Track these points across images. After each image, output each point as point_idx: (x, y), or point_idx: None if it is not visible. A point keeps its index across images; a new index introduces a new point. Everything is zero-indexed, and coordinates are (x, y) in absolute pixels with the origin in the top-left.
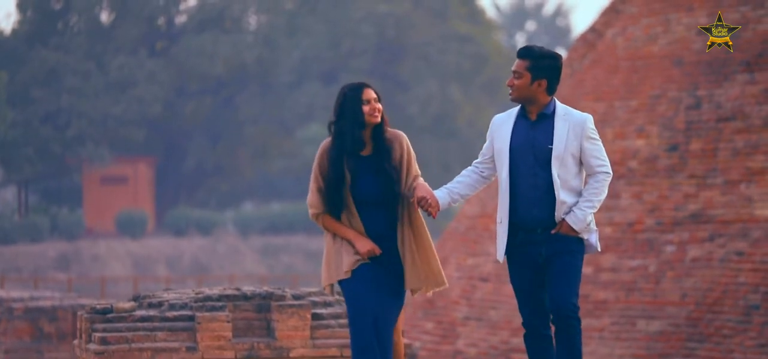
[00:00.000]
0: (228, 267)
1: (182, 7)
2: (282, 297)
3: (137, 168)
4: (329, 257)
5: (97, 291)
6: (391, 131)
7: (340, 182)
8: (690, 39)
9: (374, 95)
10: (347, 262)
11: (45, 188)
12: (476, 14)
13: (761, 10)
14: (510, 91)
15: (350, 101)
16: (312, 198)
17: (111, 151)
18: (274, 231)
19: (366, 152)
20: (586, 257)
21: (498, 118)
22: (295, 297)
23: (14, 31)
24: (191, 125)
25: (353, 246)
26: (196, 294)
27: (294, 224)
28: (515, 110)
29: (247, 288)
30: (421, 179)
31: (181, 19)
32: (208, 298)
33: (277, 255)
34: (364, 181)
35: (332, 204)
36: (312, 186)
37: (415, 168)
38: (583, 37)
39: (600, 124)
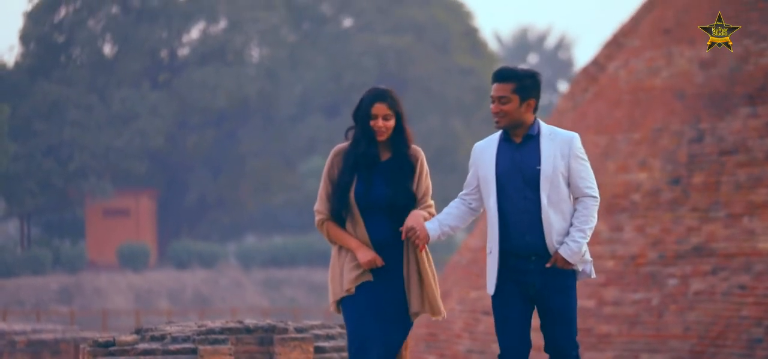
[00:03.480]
0: (230, 300)
1: (185, 40)
2: (284, 330)
3: (139, 201)
4: (334, 273)
5: (99, 324)
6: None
7: (346, 189)
8: (692, 72)
9: (385, 111)
10: (348, 278)
11: (47, 220)
12: (478, 47)
13: (763, 43)
14: (497, 119)
15: (361, 112)
16: (320, 204)
17: (113, 184)
18: (276, 264)
19: (383, 157)
20: (587, 290)
21: (479, 145)
22: (298, 330)
23: (17, 64)
24: (193, 158)
25: (355, 257)
26: (199, 327)
27: (296, 256)
28: (496, 135)
29: (250, 321)
30: (417, 210)
31: (183, 52)
32: (211, 331)
33: (280, 288)
34: (375, 185)
35: (336, 209)
36: (321, 192)
37: (427, 185)
38: (586, 71)
39: (602, 157)
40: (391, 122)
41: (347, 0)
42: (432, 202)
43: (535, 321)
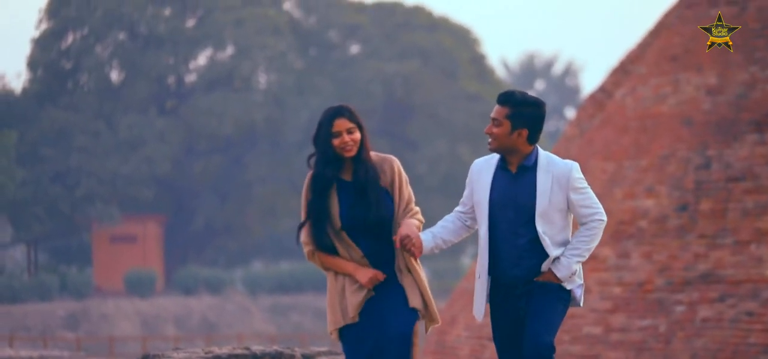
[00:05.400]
0: (237, 326)
1: (192, 66)
2: (291, 356)
3: (146, 227)
4: (333, 300)
5: (105, 351)
6: (379, 155)
7: (323, 215)
8: (699, 99)
9: (348, 125)
10: (352, 304)
11: (54, 246)
12: (485, 73)
13: None
14: (489, 140)
15: (321, 132)
16: (305, 235)
17: (120, 210)
18: (283, 290)
19: (349, 177)
20: (594, 317)
21: (477, 165)
22: (305, 357)
23: (24, 91)
24: (200, 184)
25: (355, 279)
26: (206, 353)
27: (303, 282)
28: (495, 157)
29: (257, 347)
30: (408, 219)
31: (190, 79)
32: (218, 357)
33: (286, 314)
34: (350, 207)
35: (318, 239)
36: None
37: (408, 192)
38: (593, 97)
39: (609, 184)
40: (357, 135)
41: (354, 27)
42: (417, 208)
43: None
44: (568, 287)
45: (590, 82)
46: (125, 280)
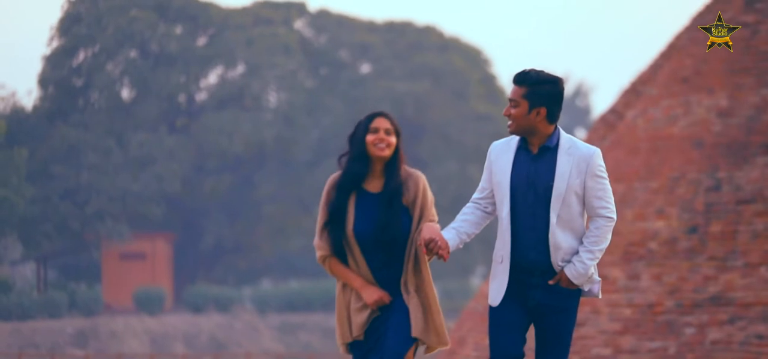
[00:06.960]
0: (246, 345)
1: (202, 84)
2: None
3: (156, 245)
4: (341, 314)
5: None
6: (406, 169)
7: (340, 219)
8: (710, 121)
9: (387, 125)
10: (357, 323)
11: (63, 264)
12: (495, 94)
13: None
14: (508, 122)
15: (358, 129)
16: (319, 238)
17: (130, 227)
18: (292, 309)
19: (375, 188)
20: (603, 338)
21: (496, 146)
22: None
23: (35, 108)
24: (210, 202)
25: (360, 297)
26: None
27: (312, 302)
28: (515, 138)
29: None
30: (429, 222)
31: (201, 97)
32: None
33: (295, 333)
34: (368, 220)
35: (333, 243)
36: (319, 224)
37: (432, 213)
38: (604, 118)
39: (620, 205)
40: (393, 139)
41: (365, 46)
42: (429, 223)
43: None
44: (586, 288)
45: (601, 103)
46: (134, 298)
